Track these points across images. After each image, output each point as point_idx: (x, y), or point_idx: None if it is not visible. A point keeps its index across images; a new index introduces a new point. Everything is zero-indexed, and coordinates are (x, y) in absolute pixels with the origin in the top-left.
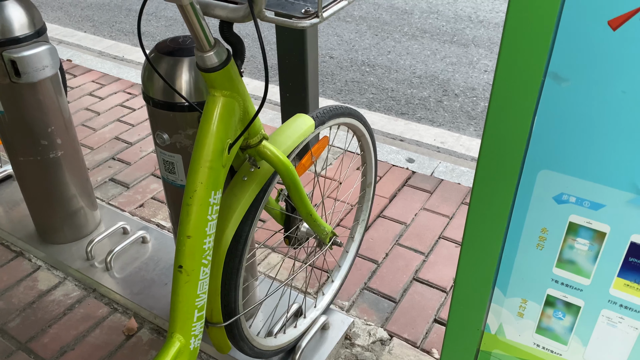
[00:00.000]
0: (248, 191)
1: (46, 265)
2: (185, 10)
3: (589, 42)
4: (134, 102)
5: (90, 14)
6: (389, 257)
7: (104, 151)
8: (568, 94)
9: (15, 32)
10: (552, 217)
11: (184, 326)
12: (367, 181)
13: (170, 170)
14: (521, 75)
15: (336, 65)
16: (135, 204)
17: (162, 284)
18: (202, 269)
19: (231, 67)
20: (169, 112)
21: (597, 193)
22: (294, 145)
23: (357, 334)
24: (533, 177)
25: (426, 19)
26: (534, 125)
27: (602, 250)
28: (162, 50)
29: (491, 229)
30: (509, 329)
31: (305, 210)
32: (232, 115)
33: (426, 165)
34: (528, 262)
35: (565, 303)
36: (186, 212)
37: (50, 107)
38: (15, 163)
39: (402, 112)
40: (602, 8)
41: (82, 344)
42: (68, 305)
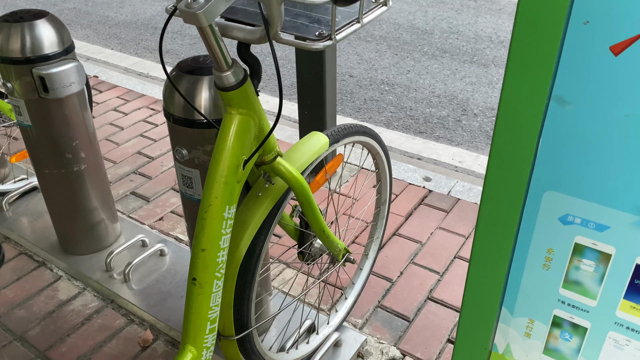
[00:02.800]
0: (262, 207)
1: (67, 276)
2: (204, 32)
3: (592, 67)
4: (157, 118)
5: (117, 32)
6: (404, 275)
7: (126, 165)
8: (572, 116)
9: (45, 49)
10: (558, 238)
11: (196, 338)
12: (382, 199)
13: (188, 185)
14: (526, 98)
15: (355, 83)
16: (154, 218)
17: (178, 297)
18: (215, 281)
19: (248, 87)
20: (188, 128)
21: (602, 215)
22: (308, 162)
23: (370, 352)
24: (539, 198)
25: (446, 39)
26: (539, 147)
27: (608, 272)
28: (183, 69)
29: (498, 248)
30: (516, 349)
31: (319, 227)
32: (247, 133)
33: (443, 184)
34: (534, 282)
35: (572, 324)
36: (201, 226)
37: (76, 121)
38: (41, 175)
39: (421, 130)
40: (604, 34)
41: (98, 354)
42: (86, 316)
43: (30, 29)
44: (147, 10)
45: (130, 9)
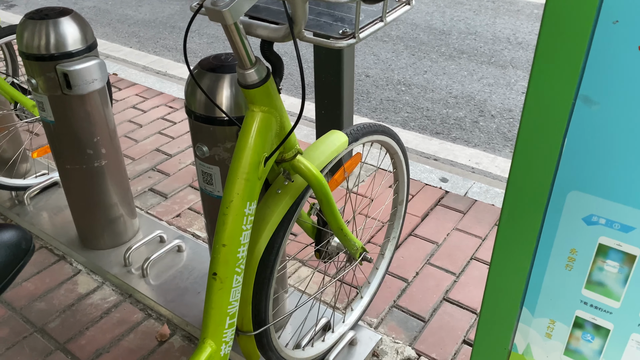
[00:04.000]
0: (281, 204)
1: (86, 270)
2: (229, 30)
3: (619, 67)
4: (175, 116)
5: (136, 31)
6: (419, 276)
7: (144, 162)
8: (598, 116)
9: (69, 47)
10: (581, 238)
11: (215, 332)
12: (399, 199)
13: (208, 182)
14: (552, 97)
15: (372, 83)
16: (172, 214)
17: (195, 293)
18: (235, 277)
19: (270, 84)
20: (210, 125)
21: (627, 215)
22: (327, 160)
23: (385, 352)
24: (563, 197)
25: (464, 39)
26: (564, 146)
27: (632, 273)
28: (205, 67)
29: (520, 248)
30: (536, 350)
31: (336, 225)
32: (269, 130)
33: (460, 185)
34: (557, 282)
35: (594, 325)
36: (222, 222)
37: (97, 118)
38: (62, 170)
39: (437, 131)
40: (634, 34)
41: (116, 347)
42: (105, 309)
43: (55, 27)
44: (165, 9)
45: (149, 7)
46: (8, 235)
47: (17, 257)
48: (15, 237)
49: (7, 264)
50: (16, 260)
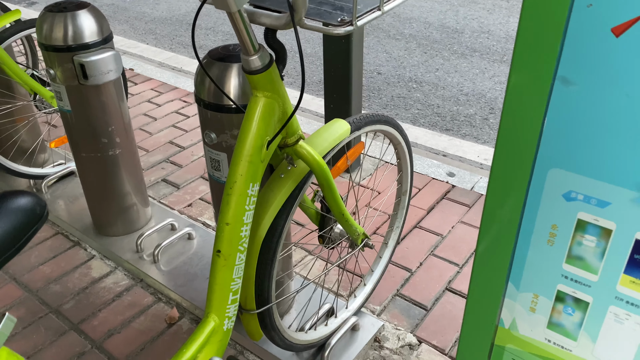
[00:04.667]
0: (284, 187)
1: (99, 255)
2: (233, 17)
3: (594, 48)
4: (189, 110)
5: (153, 28)
6: (423, 266)
7: (158, 154)
8: (576, 96)
9: (86, 38)
10: (561, 214)
11: (219, 307)
12: (403, 189)
13: (215, 168)
14: (532, 79)
15: (383, 81)
16: (184, 204)
17: (204, 278)
18: (238, 255)
19: (273, 71)
20: (217, 113)
21: (603, 191)
22: (329, 147)
23: (387, 338)
24: (544, 175)
25: (477, 38)
26: (545, 126)
27: (609, 247)
28: (214, 57)
29: (505, 225)
30: (521, 324)
31: (338, 210)
32: (272, 115)
33: (467, 179)
34: (539, 257)
35: (574, 299)
36: (226, 202)
37: (112, 108)
38: (78, 158)
39: (447, 128)
40: (606, 16)
41: (127, 329)
42: (117, 293)
43: (73, 19)
44: (182, 6)
45: (166, 5)
46: (24, 201)
47: (32, 221)
48: (30, 203)
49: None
50: (31, 224)
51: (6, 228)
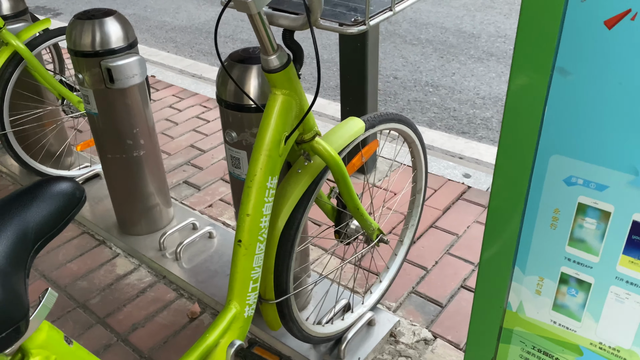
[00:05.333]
0: (301, 182)
1: (124, 253)
2: (253, 19)
3: (589, 40)
4: (209, 115)
5: (173, 36)
6: (439, 264)
7: (179, 157)
8: (573, 86)
9: (112, 44)
10: (563, 199)
11: (240, 295)
12: (417, 187)
13: (236, 165)
14: (533, 70)
15: (400, 85)
16: (204, 204)
17: (224, 275)
18: (258, 244)
19: (290, 70)
20: (238, 112)
21: (601, 175)
22: (344, 143)
23: (402, 333)
24: (545, 161)
25: (493, 42)
26: (545, 114)
27: (608, 229)
28: (235, 59)
29: (510, 211)
30: (528, 307)
31: (353, 205)
32: (289, 111)
33: (482, 181)
34: (543, 241)
35: (577, 280)
36: (247, 194)
37: (137, 110)
38: (104, 160)
39: (464, 131)
40: (598, 10)
41: (151, 323)
42: (141, 289)
43: (100, 26)
44: (201, 15)
45: (186, 14)
46: (65, 186)
47: (72, 204)
48: (71, 188)
49: (64, 210)
50: (71, 207)
51: (51, 209)
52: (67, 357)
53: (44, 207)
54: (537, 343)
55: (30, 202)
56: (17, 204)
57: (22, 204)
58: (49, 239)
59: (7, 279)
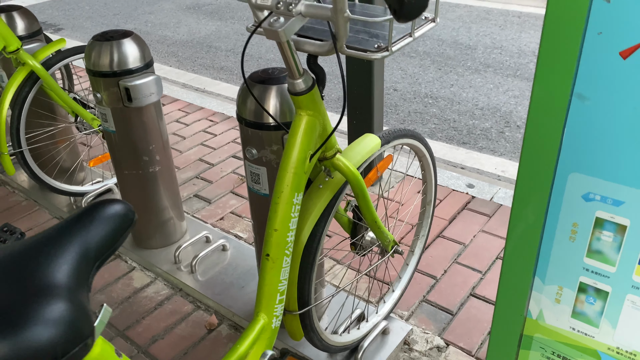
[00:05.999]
0: (323, 197)
1: (140, 267)
2: (282, 46)
3: (605, 69)
4: (216, 129)
5: (175, 50)
6: (447, 273)
7: (189, 171)
8: (590, 110)
9: (130, 64)
10: (581, 213)
11: (268, 306)
12: (427, 199)
13: (256, 181)
14: (553, 95)
15: (400, 97)
16: (216, 217)
17: (239, 287)
18: (284, 258)
19: (315, 92)
20: (258, 130)
21: (617, 192)
22: (362, 159)
23: (415, 341)
24: (564, 179)
25: (489, 54)
26: (564, 135)
27: (624, 241)
28: (255, 79)
29: (531, 225)
30: (548, 314)
31: (371, 218)
32: (313, 131)
33: (486, 190)
34: (563, 253)
35: (595, 289)
36: (274, 210)
37: (153, 128)
38: (120, 176)
39: (464, 141)
40: (615, 42)
41: (170, 334)
42: (158, 301)
43: (118, 47)
44: (202, 30)
45: (186, 29)
46: (119, 207)
47: (125, 225)
48: (124, 209)
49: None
50: (124, 228)
51: (108, 230)
52: None
53: (102, 228)
54: (556, 349)
55: (89, 223)
56: (79, 225)
57: (83, 225)
58: (107, 257)
59: (75, 295)
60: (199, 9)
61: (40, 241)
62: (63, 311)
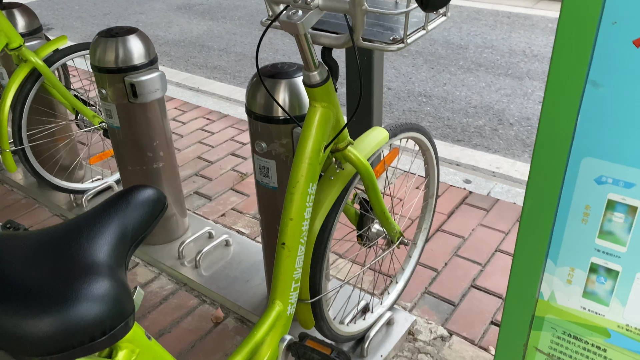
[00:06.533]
0: (334, 188)
1: (143, 263)
2: (300, 39)
3: (619, 57)
4: (213, 127)
5: (167, 50)
6: (448, 266)
7: (188, 168)
8: (604, 97)
9: (135, 61)
10: (594, 196)
11: (283, 294)
12: (430, 192)
13: (264, 174)
14: (567, 82)
15: (394, 96)
16: (217, 214)
17: (244, 281)
18: (299, 247)
19: (329, 84)
20: (268, 124)
21: (629, 174)
22: (372, 152)
23: (419, 331)
24: (578, 163)
25: (481, 53)
26: (578, 121)
27: (635, 221)
28: (264, 74)
29: (544, 208)
30: (559, 295)
31: (380, 209)
32: (327, 122)
33: (482, 186)
34: (575, 235)
35: (606, 269)
36: (290, 199)
37: (156, 124)
38: (124, 171)
39: (458, 139)
40: (628, 31)
41: (177, 328)
42: (163, 296)
43: (123, 43)
44: (193, 29)
45: (178, 28)
46: (152, 192)
47: (158, 208)
48: (157, 194)
49: (153, 213)
50: (157, 211)
51: (143, 213)
52: (148, 351)
53: (137, 211)
54: (567, 328)
55: (125, 207)
56: (116, 209)
57: (120, 208)
58: (142, 240)
59: (117, 274)
60: (190, 9)
61: (80, 223)
62: (109, 288)
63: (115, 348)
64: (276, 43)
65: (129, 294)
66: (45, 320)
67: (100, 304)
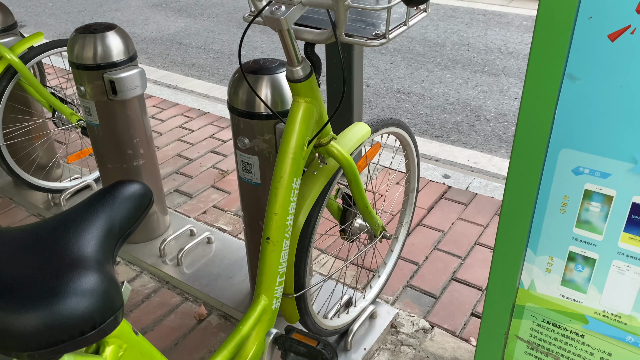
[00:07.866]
0: (317, 183)
1: (124, 261)
2: (283, 34)
3: (594, 51)
4: (192, 124)
5: (144, 47)
6: (429, 259)
7: (168, 166)
8: (581, 89)
9: (114, 57)
10: (571, 186)
11: (268, 288)
12: (411, 187)
13: (247, 170)
14: (545, 75)
15: (373, 92)
16: (198, 212)
17: (227, 278)
18: (284, 241)
19: (312, 80)
20: (250, 120)
21: (605, 165)
22: (354, 147)
23: (402, 324)
24: (556, 154)
25: (457, 50)
26: (556, 114)
27: (611, 210)
28: (246, 70)
29: (524, 199)
30: (539, 284)
31: (363, 203)
32: (311, 118)
33: (461, 180)
34: (554, 225)
35: (583, 257)
36: (274, 194)
37: (136, 121)
38: (104, 170)
39: (437, 135)
40: (603, 26)
41: (159, 326)
42: (145, 295)
43: (102, 40)
44: (170, 27)
45: (155, 26)
46: (138, 187)
47: (145, 203)
48: (143, 189)
49: (140, 208)
50: (144, 205)
51: (129, 208)
52: (136, 346)
53: (124, 206)
54: (546, 316)
55: (112, 201)
56: (103, 203)
57: (106, 203)
58: (129, 234)
59: (105, 269)
60: (167, 6)
61: (67, 218)
62: (97, 282)
63: (103, 344)
64: (255, 40)
65: (117, 288)
66: (35, 315)
67: (90, 297)
